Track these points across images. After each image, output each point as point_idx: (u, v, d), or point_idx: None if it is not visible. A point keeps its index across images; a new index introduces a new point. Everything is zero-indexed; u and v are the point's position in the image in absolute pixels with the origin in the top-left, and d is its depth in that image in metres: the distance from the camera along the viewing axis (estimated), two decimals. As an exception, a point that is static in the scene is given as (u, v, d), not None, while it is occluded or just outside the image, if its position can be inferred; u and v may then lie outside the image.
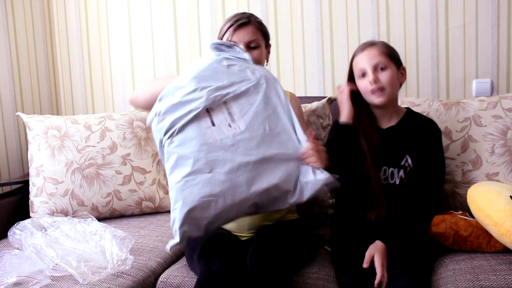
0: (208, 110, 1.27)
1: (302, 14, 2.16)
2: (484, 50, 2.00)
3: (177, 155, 1.24)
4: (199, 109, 1.25)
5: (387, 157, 1.47)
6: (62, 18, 2.44)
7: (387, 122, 1.52)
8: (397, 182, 1.46)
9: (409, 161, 1.46)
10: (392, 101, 1.50)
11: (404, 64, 1.53)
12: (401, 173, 1.46)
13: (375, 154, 1.45)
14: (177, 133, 1.25)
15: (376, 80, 1.43)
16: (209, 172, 1.21)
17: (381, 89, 1.44)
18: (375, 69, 1.44)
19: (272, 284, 1.20)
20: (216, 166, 1.22)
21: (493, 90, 2.01)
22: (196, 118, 1.25)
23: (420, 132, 1.48)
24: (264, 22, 2.21)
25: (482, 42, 2.00)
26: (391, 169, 1.46)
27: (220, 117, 1.26)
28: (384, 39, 2.06)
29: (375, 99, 1.45)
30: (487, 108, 1.65)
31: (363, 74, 1.46)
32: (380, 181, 1.44)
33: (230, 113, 1.27)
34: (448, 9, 2.02)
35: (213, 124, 1.26)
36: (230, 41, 1.49)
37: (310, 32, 2.16)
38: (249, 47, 1.49)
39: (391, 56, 1.46)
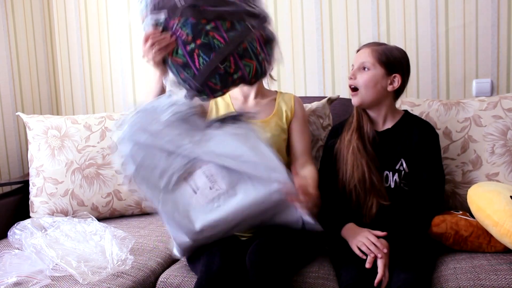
0: (185, 179, 1.26)
1: (302, 14, 2.16)
2: (484, 50, 2.00)
3: (166, 218, 1.26)
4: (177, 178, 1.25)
5: (382, 160, 1.46)
6: (62, 18, 2.45)
7: (383, 125, 1.52)
8: (392, 186, 1.46)
9: (404, 165, 1.45)
10: (378, 104, 1.50)
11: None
12: (396, 177, 1.46)
13: (370, 155, 1.46)
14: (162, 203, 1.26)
15: (352, 77, 1.49)
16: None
17: (355, 90, 1.49)
18: (359, 68, 1.49)
19: (271, 284, 1.20)
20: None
21: (493, 90, 2.01)
22: (177, 187, 1.26)
23: (416, 135, 1.47)
24: (264, 22, 2.19)
25: (482, 42, 2.00)
26: (385, 172, 1.46)
27: (200, 182, 1.26)
28: (384, 39, 2.06)
29: (352, 99, 1.51)
30: (487, 108, 1.65)
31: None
32: (374, 181, 1.44)
33: (208, 176, 1.26)
34: (448, 9, 2.02)
35: (195, 192, 1.26)
36: None
37: (310, 32, 2.16)
38: None
39: (383, 61, 1.47)
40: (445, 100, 1.76)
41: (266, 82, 1.68)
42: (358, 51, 1.55)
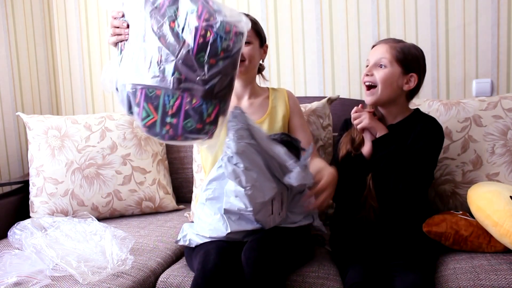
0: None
1: (302, 14, 2.16)
2: (484, 50, 2.00)
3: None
4: None
5: None
6: (62, 18, 2.45)
7: (392, 122, 1.51)
8: None
9: None
10: (391, 103, 1.48)
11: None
12: None
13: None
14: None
15: (369, 73, 1.45)
16: None
17: (371, 87, 1.45)
18: (376, 64, 1.46)
19: (266, 281, 1.20)
20: None
21: (493, 90, 2.01)
22: None
23: (417, 131, 1.45)
24: (264, 22, 2.21)
25: (482, 42, 2.00)
26: None
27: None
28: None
29: (366, 98, 1.48)
30: (487, 108, 1.65)
31: (367, 66, 1.49)
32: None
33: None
34: (448, 9, 2.02)
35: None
36: None
37: (310, 32, 2.16)
38: None
39: (400, 59, 1.44)
40: (445, 100, 1.76)
41: (258, 81, 1.68)
42: (373, 46, 1.52)
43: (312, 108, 1.83)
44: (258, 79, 1.70)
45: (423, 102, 1.73)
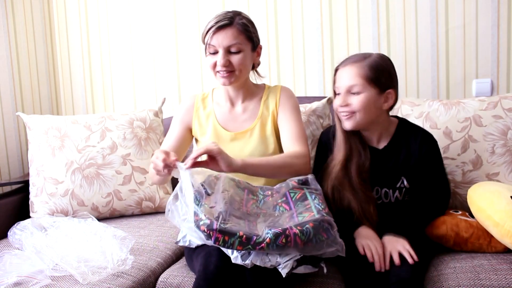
0: None
1: (302, 14, 2.16)
2: (484, 50, 2.00)
3: None
4: None
5: (381, 178, 1.43)
6: (62, 18, 2.45)
7: (377, 143, 1.47)
8: (393, 200, 1.45)
9: (405, 182, 1.44)
10: (372, 124, 1.43)
11: (404, 65, 1.50)
12: (397, 193, 1.44)
13: (364, 174, 1.41)
14: None
15: (344, 104, 1.36)
16: None
17: (351, 113, 1.37)
18: (348, 91, 1.36)
19: (268, 284, 1.20)
20: None
21: (493, 90, 2.01)
22: None
23: (416, 150, 1.43)
24: (264, 22, 2.20)
25: (482, 42, 2.00)
26: (384, 189, 1.44)
27: None
28: (384, 39, 2.06)
29: (344, 123, 1.40)
30: (487, 108, 1.65)
31: (336, 93, 1.42)
32: (368, 201, 1.40)
33: None
34: (448, 9, 2.02)
35: None
36: (209, 44, 1.42)
37: (310, 32, 2.16)
38: (229, 52, 1.43)
39: (373, 79, 1.35)
40: (445, 100, 1.76)
41: (254, 78, 1.62)
42: (337, 69, 1.41)
43: (312, 108, 1.83)
44: (254, 77, 1.62)
45: (423, 102, 1.73)
